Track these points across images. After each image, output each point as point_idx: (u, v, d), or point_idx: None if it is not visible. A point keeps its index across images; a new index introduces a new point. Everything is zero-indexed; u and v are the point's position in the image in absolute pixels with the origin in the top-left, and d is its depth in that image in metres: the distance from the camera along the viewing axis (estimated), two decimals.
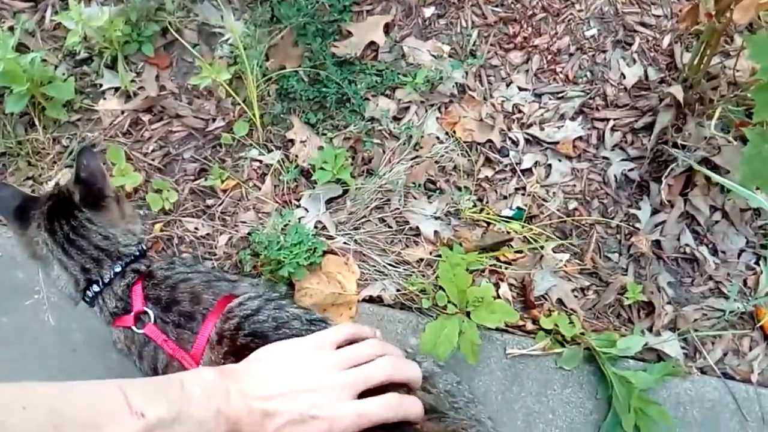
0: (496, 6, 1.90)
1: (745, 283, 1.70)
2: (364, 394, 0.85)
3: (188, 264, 1.25)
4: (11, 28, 1.80)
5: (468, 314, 1.52)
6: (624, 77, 1.84)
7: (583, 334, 1.60)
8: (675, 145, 1.69)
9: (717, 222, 1.74)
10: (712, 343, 1.65)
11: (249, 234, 1.66)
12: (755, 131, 1.35)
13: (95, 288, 1.12)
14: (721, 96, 1.74)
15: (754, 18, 1.79)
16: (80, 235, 1.11)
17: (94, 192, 1.13)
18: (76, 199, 1.13)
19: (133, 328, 1.10)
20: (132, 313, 1.10)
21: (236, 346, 1.05)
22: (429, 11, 1.89)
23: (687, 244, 1.71)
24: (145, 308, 1.10)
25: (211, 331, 1.06)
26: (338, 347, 0.90)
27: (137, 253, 1.18)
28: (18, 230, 1.14)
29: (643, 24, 1.90)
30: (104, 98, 1.81)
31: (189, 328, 1.09)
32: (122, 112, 1.80)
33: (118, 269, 1.13)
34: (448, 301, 1.53)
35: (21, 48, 1.79)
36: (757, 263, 1.71)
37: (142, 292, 1.11)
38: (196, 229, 1.70)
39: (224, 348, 1.06)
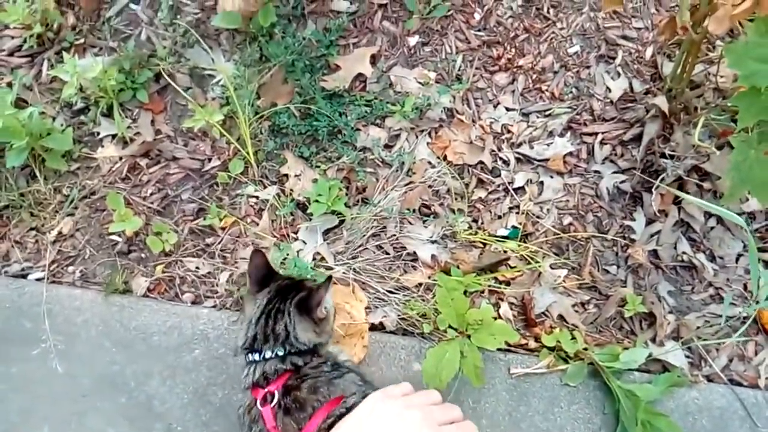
0: (479, 30, 1.94)
1: (745, 287, 1.70)
2: None
3: (335, 365, 1.31)
4: (9, 84, 1.86)
5: (469, 337, 1.53)
6: (609, 91, 1.87)
7: (586, 349, 1.61)
8: (663, 156, 1.71)
9: (713, 228, 1.75)
10: (717, 350, 1.65)
11: None
12: (740, 138, 1.36)
13: (255, 357, 1.26)
14: (706, 104, 1.76)
15: (734, 25, 1.82)
16: (275, 318, 1.27)
17: (306, 307, 1.28)
18: (295, 296, 1.29)
19: (258, 401, 1.19)
20: (265, 390, 1.20)
21: None
22: (413, 40, 1.93)
23: (684, 252, 1.72)
24: (275, 390, 1.19)
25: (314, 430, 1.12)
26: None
27: (302, 349, 1.27)
28: (254, 290, 1.33)
29: (624, 37, 1.93)
30: (102, 146, 1.86)
31: (295, 418, 1.16)
32: (120, 158, 1.84)
33: (280, 352, 1.25)
34: (449, 326, 1.54)
35: (19, 102, 1.85)
36: None
37: (285, 381, 1.21)
38: (197, 268, 1.73)
39: None
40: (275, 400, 1.18)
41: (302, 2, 1.93)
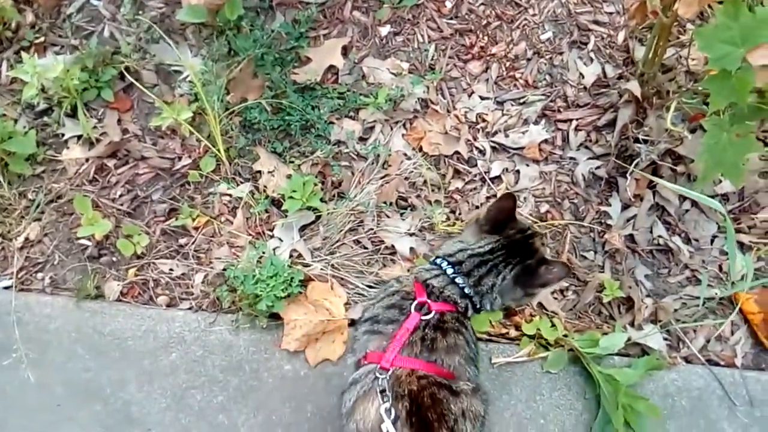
0: (451, 18, 1.91)
1: (720, 268, 1.72)
2: None
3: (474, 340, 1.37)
4: None
5: None
6: (582, 77, 1.86)
7: (566, 335, 1.61)
8: (637, 140, 1.71)
9: (687, 211, 1.76)
10: (695, 332, 1.67)
11: (224, 270, 1.66)
12: (712, 121, 1.37)
13: (450, 271, 1.33)
14: (678, 87, 1.77)
15: (703, 8, 1.82)
16: (489, 270, 1.31)
17: (526, 282, 1.30)
18: (520, 262, 1.30)
19: (416, 300, 1.27)
20: (427, 299, 1.27)
21: (420, 396, 1.18)
22: (385, 30, 1.90)
23: (660, 236, 1.73)
24: (434, 312, 1.27)
25: (418, 375, 1.21)
26: None
27: (473, 298, 1.34)
28: (485, 230, 1.35)
29: (596, 22, 1.92)
30: (67, 147, 1.80)
31: (420, 349, 1.22)
32: (87, 160, 1.79)
33: (468, 291, 1.32)
34: None
35: None
36: None
37: (443, 308, 1.29)
38: (171, 270, 1.70)
39: (411, 384, 1.19)
40: (427, 318, 1.24)
41: None
